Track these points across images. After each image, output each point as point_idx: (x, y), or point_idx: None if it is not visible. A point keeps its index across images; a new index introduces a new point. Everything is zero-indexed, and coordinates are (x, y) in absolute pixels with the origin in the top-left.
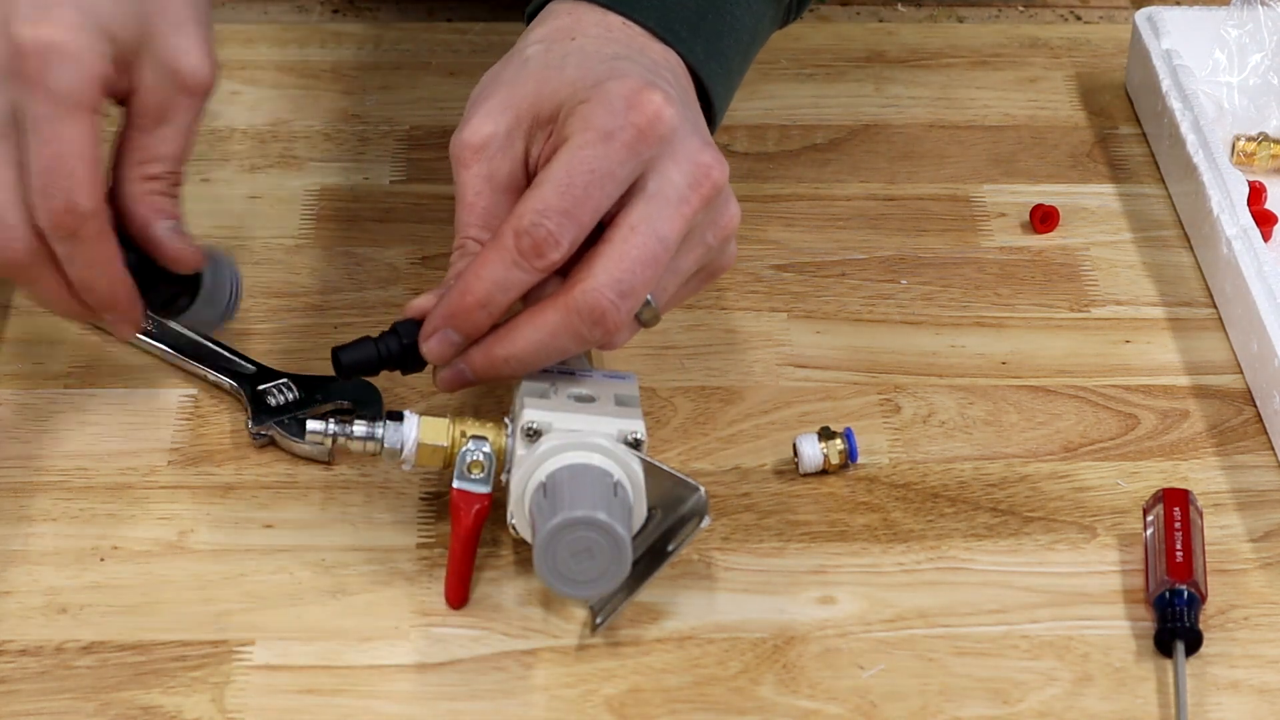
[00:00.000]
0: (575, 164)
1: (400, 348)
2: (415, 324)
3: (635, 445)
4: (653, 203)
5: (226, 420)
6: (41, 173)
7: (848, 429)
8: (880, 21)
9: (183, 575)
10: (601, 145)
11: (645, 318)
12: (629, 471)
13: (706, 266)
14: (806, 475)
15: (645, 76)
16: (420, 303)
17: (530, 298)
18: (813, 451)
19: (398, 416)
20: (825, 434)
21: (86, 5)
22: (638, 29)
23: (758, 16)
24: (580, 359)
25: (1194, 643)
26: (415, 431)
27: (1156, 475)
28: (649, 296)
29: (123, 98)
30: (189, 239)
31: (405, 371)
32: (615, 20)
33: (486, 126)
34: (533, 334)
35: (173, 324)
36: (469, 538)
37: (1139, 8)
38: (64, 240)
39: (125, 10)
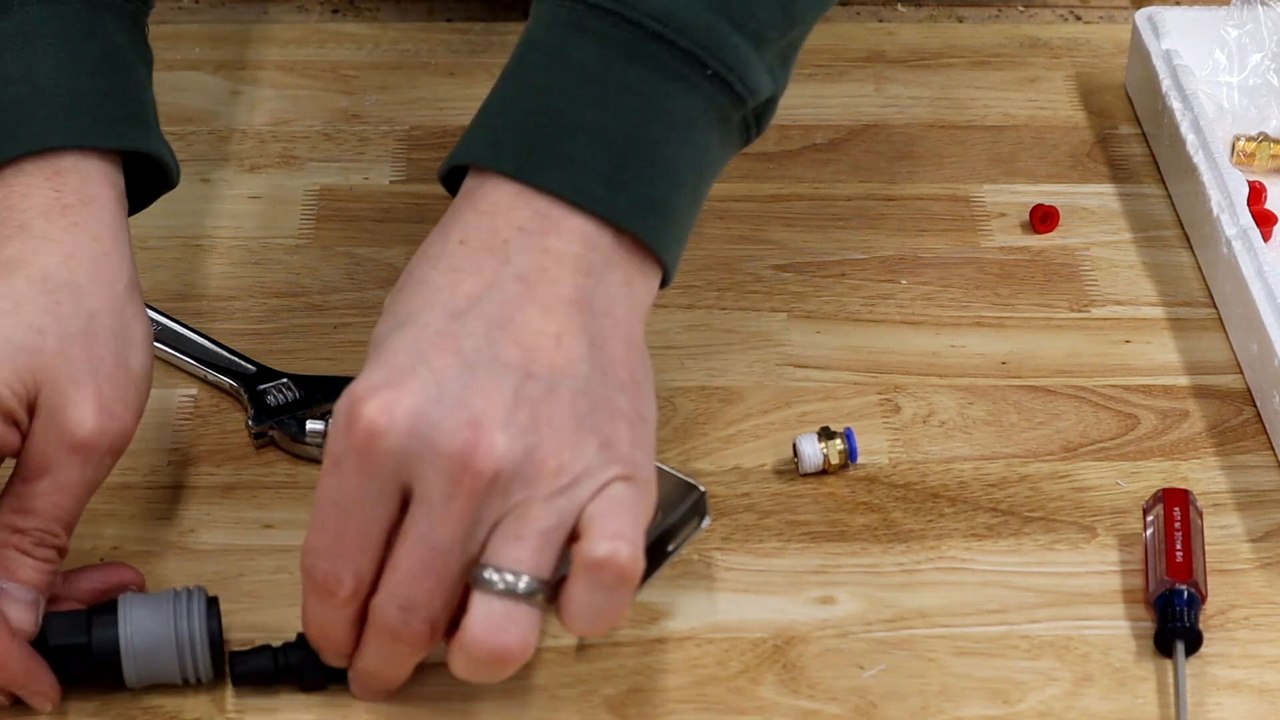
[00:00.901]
0: (321, 497)
1: (300, 660)
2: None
3: None
4: (419, 509)
5: (226, 420)
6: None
7: (848, 429)
8: (880, 21)
9: (183, 575)
10: (335, 474)
11: (524, 593)
12: None
13: (575, 530)
14: (806, 475)
15: (397, 364)
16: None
17: None
18: (813, 451)
19: None
20: (825, 434)
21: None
22: (545, 201)
23: (699, 149)
24: None
25: (1194, 643)
26: None
27: (1156, 475)
28: (513, 574)
29: (12, 453)
30: (31, 616)
31: (305, 688)
32: (516, 202)
33: None
34: (367, 658)
35: None
36: None
37: (1139, 8)
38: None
39: (16, 367)
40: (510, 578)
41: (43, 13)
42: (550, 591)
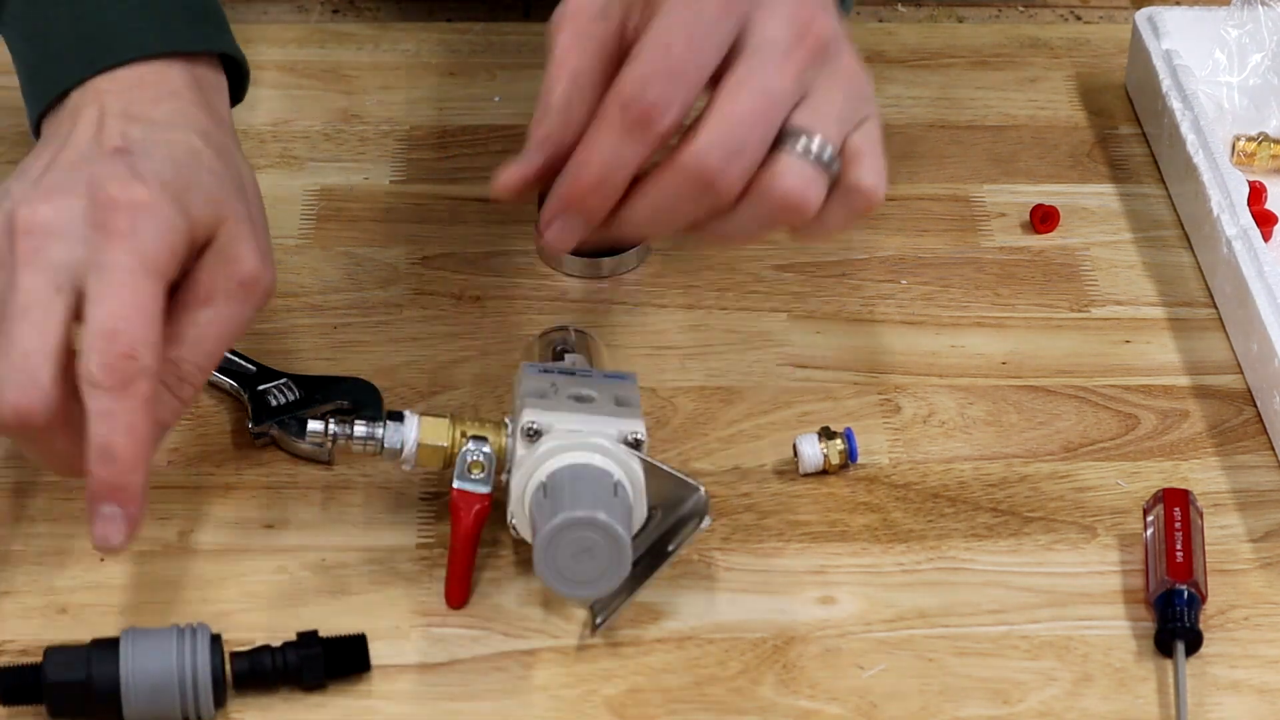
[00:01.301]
0: (671, 28)
1: (300, 660)
2: (314, 635)
3: (635, 445)
4: (755, 57)
5: (226, 420)
6: (108, 318)
7: (848, 429)
8: (880, 21)
9: (183, 575)
10: (694, 6)
11: (827, 165)
12: (629, 471)
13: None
14: (806, 475)
15: None
16: (510, 176)
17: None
18: (813, 451)
19: (398, 416)
20: (825, 434)
21: (174, 180)
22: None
23: None
24: (581, 359)
25: (1194, 643)
26: (415, 431)
27: (1156, 475)
28: (823, 143)
29: (176, 284)
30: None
31: (305, 688)
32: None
33: None
34: (648, 202)
35: None
36: (469, 538)
37: (1139, 8)
38: (110, 391)
39: (203, 199)
40: (820, 143)
41: None
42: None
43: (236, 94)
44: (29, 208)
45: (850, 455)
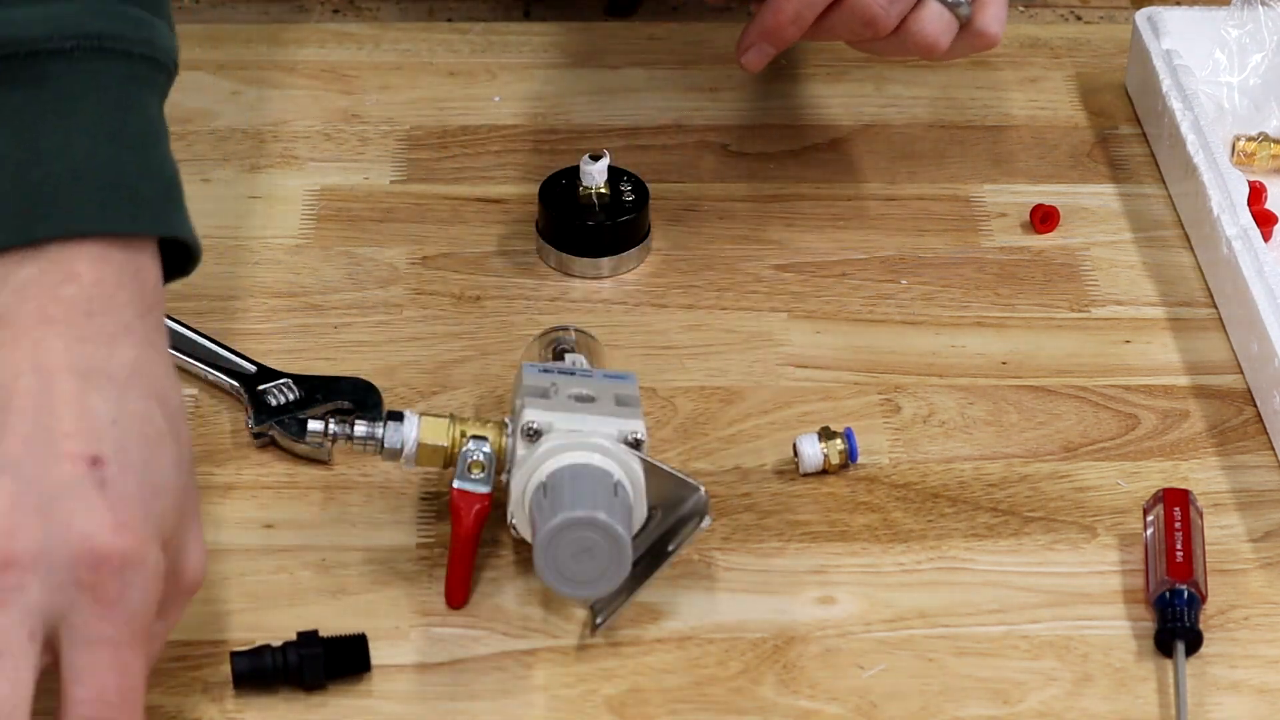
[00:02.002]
0: None
1: (300, 660)
2: (314, 635)
3: (636, 445)
4: None
5: (226, 420)
6: (98, 704)
7: (848, 429)
8: None
9: None
10: None
11: (961, 15)
12: (629, 471)
13: None
14: (806, 475)
15: None
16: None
17: None
18: (813, 451)
19: (398, 416)
20: (825, 434)
21: (155, 512)
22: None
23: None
24: (581, 359)
25: (1194, 643)
26: (415, 431)
27: (1156, 475)
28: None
29: None
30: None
31: (305, 688)
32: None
33: None
34: (824, 29)
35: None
36: (469, 538)
37: (1139, 8)
38: None
39: (170, 505)
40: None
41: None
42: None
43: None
44: (5, 539)
45: (850, 455)
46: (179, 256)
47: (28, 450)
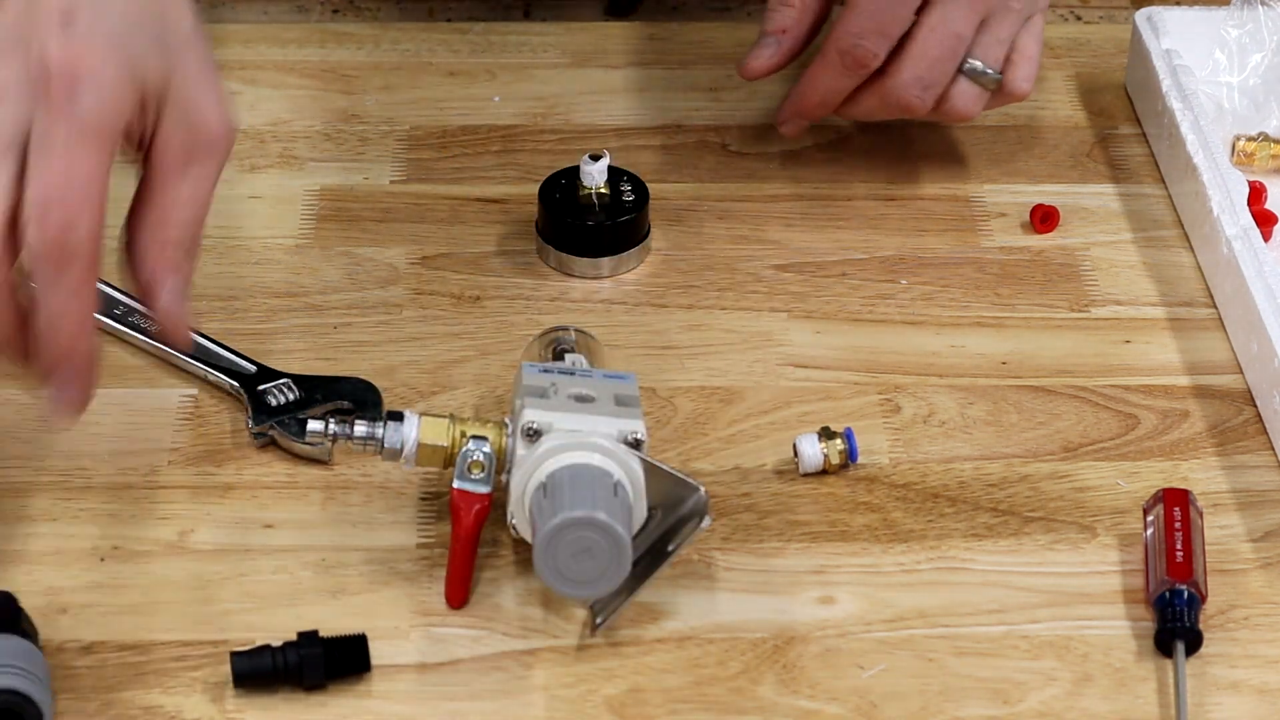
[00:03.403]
0: None
1: (300, 660)
2: (314, 635)
3: (635, 445)
4: (948, 5)
5: (226, 420)
6: (44, 190)
7: (848, 429)
8: None
9: (183, 575)
10: None
11: (990, 85)
12: (629, 471)
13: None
14: (806, 475)
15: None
16: (763, 62)
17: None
18: (813, 451)
19: (398, 416)
20: (825, 434)
21: (119, 39)
22: None
23: None
24: (581, 359)
25: (1194, 643)
26: (415, 431)
27: (1156, 475)
28: (988, 69)
29: (137, 145)
30: (184, 312)
31: (305, 688)
32: None
33: None
34: (859, 110)
35: None
36: (469, 538)
37: (1139, 8)
38: (47, 269)
39: (154, 54)
40: (989, 68)
41: None
42: None
43: None
44: None
45: (850, 455)
46: None
47: (15, 19)
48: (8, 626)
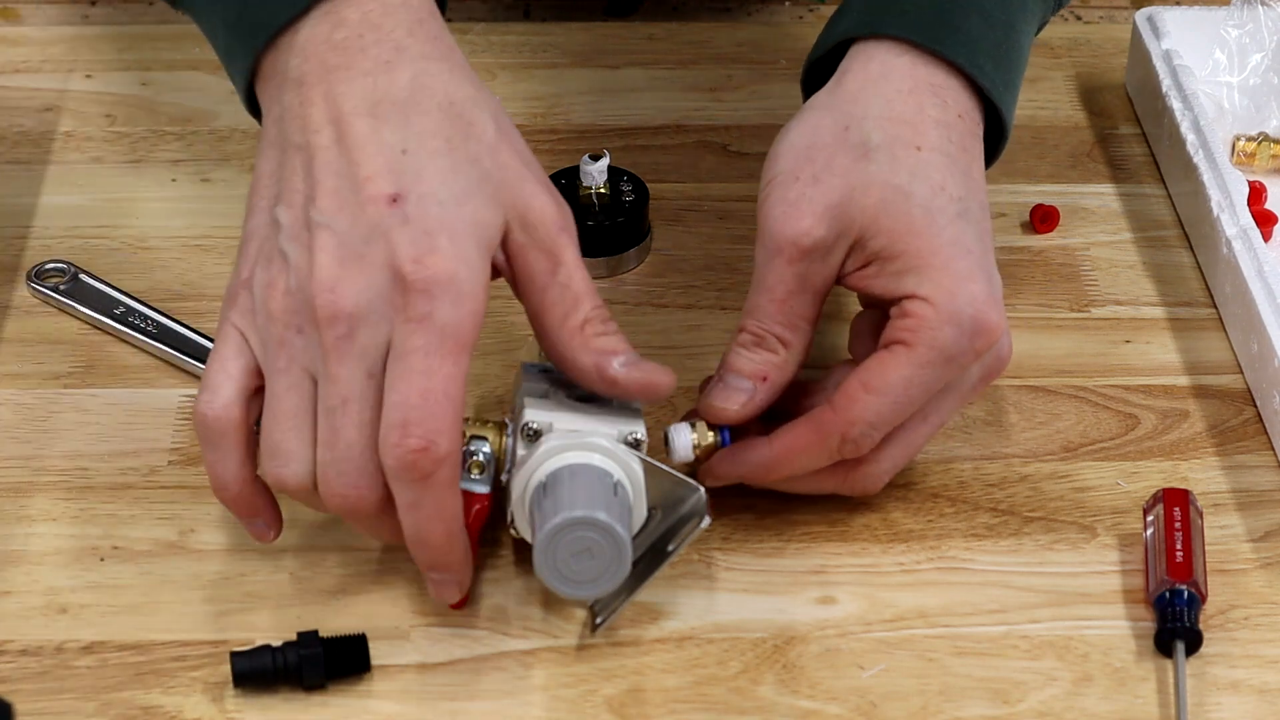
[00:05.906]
0: (915, 383)
1: (300, 660)
2: (314, 635)
3: (635, 445)
4: (949, 398)
5: None
6: (403, 406)
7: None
8: None
9: (183, 575)
10: (942, 367)
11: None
12: (629, 471)
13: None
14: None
15: (985, 270)
16: (742, 408)
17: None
18: (684, 442)
19: None
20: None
21: (454, 209)
22: (939, 69)
23: (1030, 36)
24: None
25: (1194, 643)
26: None
27: (1156, 475)
28: None
29: (499, 271)
30: (647, 365)
31: (305, 688)
32: (918, 67)
33: (819, 230)
34: (804, 486)
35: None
36: (469, 538)
37: (1139, 8)
38: (411, 485)
39: (486, 204)
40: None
41: None
42: None
43: None
44: (329, 294)
45: (723, 443)
46: None
47: (338, 202)
48: None
